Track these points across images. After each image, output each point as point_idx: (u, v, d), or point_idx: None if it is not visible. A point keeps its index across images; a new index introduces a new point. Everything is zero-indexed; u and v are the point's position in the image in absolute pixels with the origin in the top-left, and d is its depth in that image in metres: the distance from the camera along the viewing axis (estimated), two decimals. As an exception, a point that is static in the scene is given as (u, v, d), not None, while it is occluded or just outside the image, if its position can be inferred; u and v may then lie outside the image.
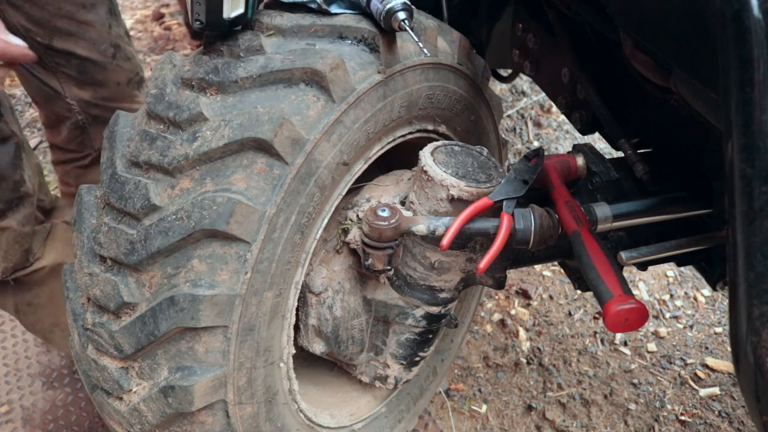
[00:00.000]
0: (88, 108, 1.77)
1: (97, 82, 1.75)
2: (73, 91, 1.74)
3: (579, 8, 1.35)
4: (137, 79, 1.83)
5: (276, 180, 1.08)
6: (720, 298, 2.49)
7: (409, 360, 1.45)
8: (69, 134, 1.82)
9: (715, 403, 2.12)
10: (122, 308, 1.09)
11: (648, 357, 2.27)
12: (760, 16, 0.71)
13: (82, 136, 1.82)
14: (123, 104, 1.81)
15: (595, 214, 1.23)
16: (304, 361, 1.58)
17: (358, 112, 1.18)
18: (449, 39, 1.37)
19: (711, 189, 1.29)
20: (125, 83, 1.80)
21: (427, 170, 1.20)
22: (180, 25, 4.05)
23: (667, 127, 1.35)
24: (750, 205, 0.74)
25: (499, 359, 2.23)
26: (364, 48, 1.19)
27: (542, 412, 2.08)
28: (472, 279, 1.34)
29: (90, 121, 1.80)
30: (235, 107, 1.10)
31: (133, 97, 1.83)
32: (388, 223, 1.17)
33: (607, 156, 1.39)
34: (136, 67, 1.82)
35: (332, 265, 1.34)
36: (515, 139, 3.23)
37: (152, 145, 1.11)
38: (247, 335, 1.14)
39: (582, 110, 1.58)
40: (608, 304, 1.09)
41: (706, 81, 0.94)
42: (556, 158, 1.34)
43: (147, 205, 1.07)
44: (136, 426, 1.15)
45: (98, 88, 1.76)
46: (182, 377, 1.09)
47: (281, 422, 1.31)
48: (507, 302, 2.43)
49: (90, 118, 1.79)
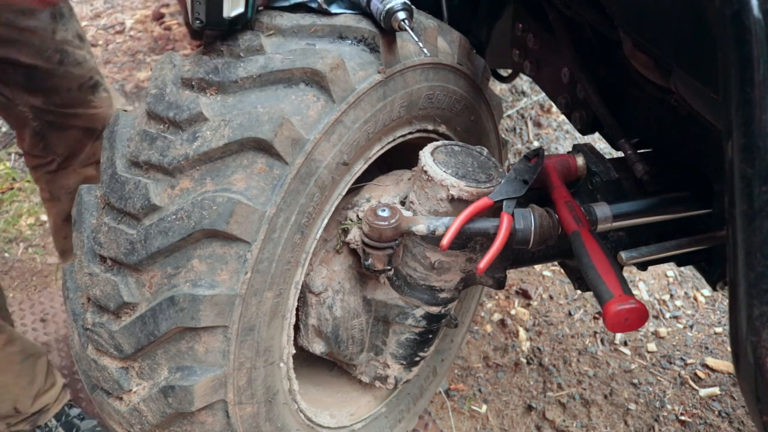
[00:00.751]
0: (42, 114, 1.74)
1: (47, 88, 1.71)
2: (24, 98, 1.70)
3: (579, 8, 1.35)
4: (91, 83, 1.78)
5: (276, 180, 1.08)
6: (720, 298, 2.49)
7: (409, 360, 1.44)
8: (31, 140, 1.80)
9: (715, 403, 2.12)
10: (122, 308, 1.09)
11: (648, 357, 2.27)
12: (760, 16, 0.71)
13: (42, 143, 1.79)
14: (78, 110, 1.77)
15: (595, 214, 1.23)
16: (304, 361, 1.58)
17: (358, 112, 1.18)
18: (449, 39, 1.37)
19: (711, 189, 1.29)
20: (77, 89, 1.75)
21: (427, 170, 1.20)
22: (180, 25, 4.05)
23: (667, 127, 1.35)
24: (750, 205, 0.74)
25: (499, 359, 2.23)
26: (364, 48, 1.19)
27: (542, 412, 2.08)
28: (472, 279, 1.34)
29: (46, 128, 1.76)
30: (235, 107, 1.10)
31: (88, 102, 1.79)
32: (388, 223, 1.17)
33: (607, 156, 1.39)
34: (89, 72, 1.77)
35: (332, 265, 1.34)
36: (515, 139, 3.23)
37: (152, 145, 1.11)
38: (247, 335, 1.14)
39: (582, 110, 1.58)
40: (608, 304, 1.09)
41: (706, 81, 0.94)
42: (556, 158, 1.34)
43: (147, 205, 1.07)
44: (136, 426, 1.15)
45: (49, 95, 1.72)
46: (182, 377, 1.09)
47: (281, 422, 1.31)
48: (507, 302, 2.43)
49: (46, 125, 1.76)
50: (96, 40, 4.02)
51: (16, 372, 1.73)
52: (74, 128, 1.79)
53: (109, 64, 3.79)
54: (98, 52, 3.90)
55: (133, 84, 3.60)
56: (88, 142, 1.83)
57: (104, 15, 4.28)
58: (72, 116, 1.77)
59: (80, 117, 1.78)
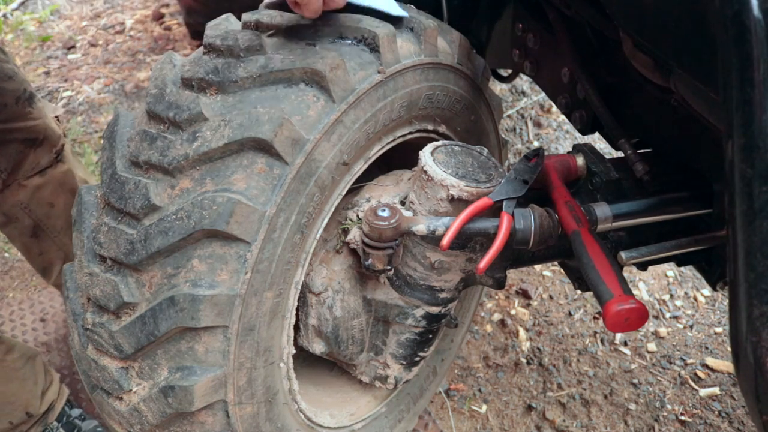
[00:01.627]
0: None
1: None
2: None
3: (579, 8, 1.35)
4: (26, 96, 1.76)
5: (276, 180, 1.08)
6: (720, 298, 2.49)
7: (409, 360, 1.45)
8: None
9: (715, 403, 2.12)
10: (122, 308, 1.09)
11: (648, 357, 2.27)
12: (760, 16, 0.71)
13: None
14: (17, 123, 1.74)
15: (595, 214, 1.23)
16: (304, 361, 1.58)
17: (358, 112, 1.18)
18: (449, 39, 1.37)
19: (711, 189, 1.29)
20: (13, 103, 1.72)
21: (427, 170, 1.20)
22: (180, 25, 4.06)
23: (667, 127, 1.35)
24: (750, 205, 0.74)
25: (499, 359, 2.23)
26: (364, 48, 1.19)
27: (542, 412, 2.08)
28: (472, 279, 1.34)
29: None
30: (235, 107, 1.10)
31: (26, 114, 1.76)
32: (388, 223, 1.17)
33: (607, 156, 1.39)
34: (20, 84, 1.75)
35: (332, 265, 1.34)
36: (515, 139, 3.23)
37: (152, 145, 1.11)
38: (247, 335, 1.14)
39: (582, 110, 1.58)
40: (608, 304, 1.09)
41: (706, 81, 0.94)
42: (556, 158, 1.34)
43: (147, 205, 1.07)
44: (136, 426, 1.15)
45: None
46: (182, 377, 1.09)
47: (281, 422, 1.31)
48: (507, 302, 2.43)
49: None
50: (96, 40, 4.02)
51: (21, 378, 1.73)
52: (14, 142, 1.76)
53: (109, 64, 3.79)
54: (98, 52, 3.91)
55: (133, 84, 3.60)
56: (29, 152, 1.80)
57: (104, 15, 4.28)
58: (12, 131, 1.74)
59: (20, 130, 1.76)
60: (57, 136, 1.86)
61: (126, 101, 3.47)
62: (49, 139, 1.83)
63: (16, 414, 1.74)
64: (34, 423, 1.80)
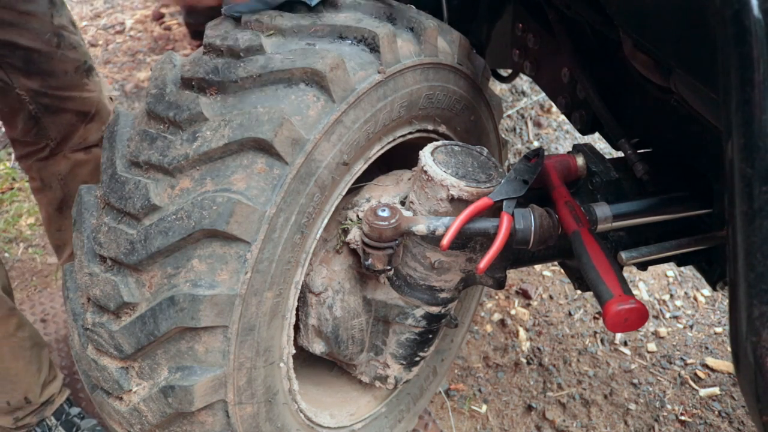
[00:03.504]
0: (38, 97, 1.78)
1: (44, 71, 1.76)
2: (21, 81, 1.74)
3: (579, 8, 1.35)
4: (85, 67, 1.84)
5: (276, 180, 1.08)
6: (720, 298, 2.49)
7: (409, 360, 1.45)
8: (24, 126, 1.83)
9: (715, 403, 2.12)
10: (122, 308, 1.09)
11: (648, 357, 2.27)
12: (760, 16, 0.71)
13: (36, 127, 1.83)
14: (73, 92, 1.81)
15: (595, 214, 1.23)
16: (304, 361, 1.58)
17: (358, 112, 1.18)
18: (449, 39, 1.37)
19: (711, 189, 1.29)
20: (73, 71, 1.80)
21: (427, 170, 1.20)
22: (180, 25, 4.05)
23: (667, 127, 1.35)
24: (750, 205, 0.74)
25: (499, 359, 2.23)
26: (364, 48, 1.19)
27: (542, 412, 2.08)
28: (472, 279, 1.34)
29: (42, 111, 1.81)
30: (235, 107, 1.10)
31: (82, 85, 1.84)
32: (388, 223, 1.17)
33: (607, 156, 1.39)
34: (83, 56, 1.83)
35: (332, 265, 1.34)
36: (515, 139, 3.23)
37: (152, 145, 1.11)
38: (247, 335, 1.14)
39: (582, 110, 1.58)
40: (608, 304, 1.09)
41: (706, 81, 0.94)
42: (556, 158, 1.34)
43: (147, 205, 1.07)
44: (136, 426, 1.15)
45: (46, 78, 1.77)
46: (182, 377, 1.09)
47: (281, 422, 1.31)
48: (507, 302, 2.43)
49: (41, 108, 1.80)
50: (96, 40, 4.02)
51: (27, 359, 1.75)
52: (68, 111, 1.83)
53: (109, 64, 3.79)
54: (98, 52, 3.91)
55: (133, 84, 3.60)
56: (80, 125, 1.87)
57: (104, 15, 4.28)
58: (67, 99, 1.81)
59: (74, 100, 1.82)
60: (108, 115, 1.91)
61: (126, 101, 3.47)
62: (100, 115, 1.89)
63: (15, 396, 1.75)
64: (31, 411, 1.81)
